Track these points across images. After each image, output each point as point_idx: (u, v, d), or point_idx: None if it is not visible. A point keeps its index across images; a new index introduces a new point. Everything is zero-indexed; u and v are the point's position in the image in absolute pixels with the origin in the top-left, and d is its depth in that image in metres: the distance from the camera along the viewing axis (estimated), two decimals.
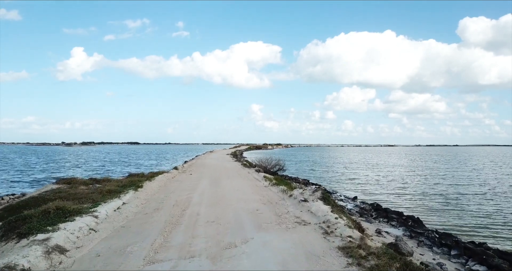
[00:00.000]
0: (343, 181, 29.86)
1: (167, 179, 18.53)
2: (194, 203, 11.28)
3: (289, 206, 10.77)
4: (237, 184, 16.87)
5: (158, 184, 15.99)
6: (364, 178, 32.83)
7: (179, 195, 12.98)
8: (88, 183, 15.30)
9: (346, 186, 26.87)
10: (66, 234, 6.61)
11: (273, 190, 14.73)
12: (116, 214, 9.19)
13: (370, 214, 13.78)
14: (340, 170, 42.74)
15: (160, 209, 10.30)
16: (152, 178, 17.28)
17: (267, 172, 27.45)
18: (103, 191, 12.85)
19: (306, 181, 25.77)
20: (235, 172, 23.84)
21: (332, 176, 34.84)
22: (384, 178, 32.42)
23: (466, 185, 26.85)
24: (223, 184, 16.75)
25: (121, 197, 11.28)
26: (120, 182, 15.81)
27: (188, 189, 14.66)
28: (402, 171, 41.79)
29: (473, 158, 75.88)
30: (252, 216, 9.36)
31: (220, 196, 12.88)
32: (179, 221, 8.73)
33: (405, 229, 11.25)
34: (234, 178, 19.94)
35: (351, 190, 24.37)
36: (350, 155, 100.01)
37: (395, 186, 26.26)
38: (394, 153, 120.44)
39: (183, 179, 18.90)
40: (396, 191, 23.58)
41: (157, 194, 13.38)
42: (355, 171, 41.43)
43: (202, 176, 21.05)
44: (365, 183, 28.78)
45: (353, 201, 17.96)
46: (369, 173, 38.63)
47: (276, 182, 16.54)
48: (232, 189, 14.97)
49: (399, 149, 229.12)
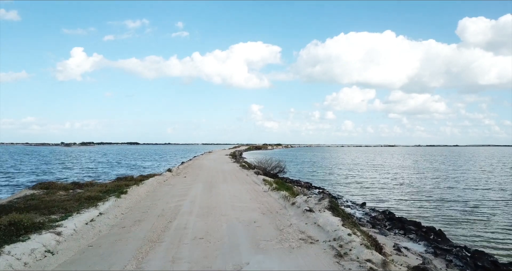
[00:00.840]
0: (348, 184, 28.13)
1: (158, 182, 17.13)
2: (183, 213, 9.87)
3: (292, 217, 9.36)
4: (234, 188, 15.47)
5: (147, 188, 14.58)
6: (371, 181, 31.04)
7: (167, 202, 11.58)
8: (68, 188, 13.90)
9: (351, 190, 25.21)
10: (9, 260, 5.20)
11: (273, 196, 13.32)
12: (87, 229, 7.77)
13: (383, 224, 12.32)
14: (343, 171, 41.00)
15: (142, 221, 8.89)
16: (141, 182, 15.88)
17: (267, 174, 26.05)
18: (81, 197, 11.46)
19: (309, 184, 24.31)
20: (233, 175, 22.44)
21: (336, 178, 33.16)
22: (392, 181, 30.65)
23: (485, 190, 24.91)
24: (219, 188, 15.35)
25: (99, 205, 9.87)
26: (104, 187, 14.40)
27: (179, 195, 13.26)
28: (409, 173, 39.96)
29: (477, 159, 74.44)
30: (249, 230, 7.96)
31: (213, 203, 11.48)
32: (161, 238, 7.32)
33: (426, 244, 9.81)
34: (231, 181, 18.54)
35: (357, 194, 22.79)
36: (351, 155, 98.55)
37: (406, 191, 24.53)
38: (396, 153, 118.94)
39: (176, 183, 17.49)
40: (407, 196, 21.89)
41: (143, 201, 11.96)
42: (360, 173, 39.66)
43: (197, 179, 19.64)
44: (372, 186, 27.02)
45: (362, 207, 16.48)
46: (375, 175, 36.90)
47: (277, 186, 15.14)
48: (228, 194, 13.56)
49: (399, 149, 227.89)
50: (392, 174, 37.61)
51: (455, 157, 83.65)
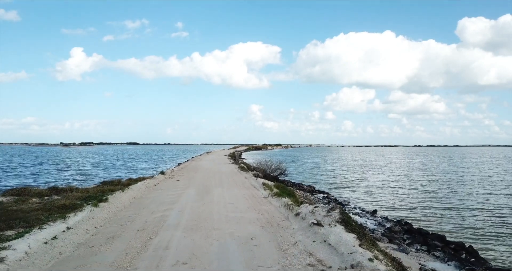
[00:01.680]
0: (354, 188, 26.26)
1: (147, 187, 15.69)
2: (168, 226, 8.44)
3: (297, 232, 7.92)
4: (230, 194, 14.03)
5: (133, 194, 13.14)
6: (378, 184, 29.14)
7: (152, 212, 10.14)
8: (44, 194, 12.45)
9: (359, 194, 23.44)
10: None
11: (274, 203, 11.89)
12: (45, 250, 6.33)
13: (401, 237, 10.82)
14: (348, 174, 39.19)
15: (116, 238, 7.45)
16: (127, 187, 14.45)
17: (266, 176, 24.61)
18: (53, 206, 10.03)
19: (312, 188, 22.80)
20: (230, 177, 21.00)
21: (341, 181, 31.28)
22: (403, 185, 28.68)
23: (509, 195, 22.42)
24: (213, 194, 13.92)
25: (70, 217, 8.42)
26: (85, 193, 12.97)
27: (168, 202, 11.82)
28: (418, 175, 38.08)
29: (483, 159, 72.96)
30: (245, 251, 6.53)
31: (205, 213, 10.04)
32: (134, 262, 5.89)
33: (458, 265, 8.34)
34: (228, 185, 17.10)
35: (366, 200, 21.00)
36: (353, 156, 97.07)
37: (419, 196, 22.60)
38: (398, 154, 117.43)
39: (167, 187, 16.05)
40: (423, 203, 19.92)
41: (124, 210, 10.52)
42: (366, 175, 37.75)
43: (191, 182, 18.20)
44: (381, 191, 25.10)
45: (373, 216, 14.93)
46: (382, 177, 35.02)
47: (278, 192, 13.70)
48: (223, 201, 12.13)
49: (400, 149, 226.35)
50: (401, 176, 35.83)
51: (459, 158, 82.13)
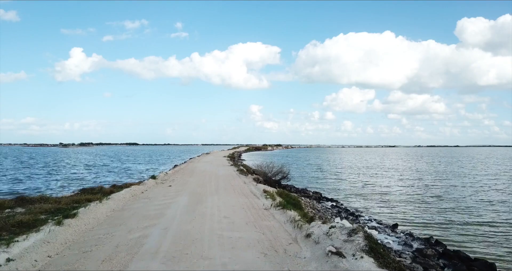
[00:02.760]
0: (365, 195, 23.58)
1: (133, 195, 13.87)
2: (144, 254, 6.62)
3: (310, 264, 6.10)
4: (227, 203, 12.23)
5: (112, 206, 11.31)
6: (391, 190, 26.33)
7: (130, 231, 8.33)
8: (6, 206, 10.66)
9: (371, 203, 20.75)
10: None
11: (278, 216, 10.09)
12: None
13: (437, 264, 8.82)
14: (354, 177, 36.51)
15: None
16: (108, 196, 12.64)
17: (268, 181, 22.85)
18: (7, 224, 8.25)
19: (318, 194, 20.85)
20: (228, 182, 19.20)
21: (349, 186, 28.59)
22: (418, 190, 25.74)
23: None
24: (207, 204, 12.12)
25: (18, 242, 6.62)
26: (56, 204, 11.20)
27: (152, 216, 10.01)
28: (432, 178, 34.68)
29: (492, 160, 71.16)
30: None
31: (195, 232, 8.24)
32: None
33: None
34: (225, 192, 15.31)
35: (381, 210, 18.38)
36: (355, 156, 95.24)
37: (442, 206, 19.42)
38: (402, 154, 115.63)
39: (155, 195, 14.24)
40: (448, 215, 16.95)
41: (95, 228, 8.68)
42: (374, 179, 34.96)
43: (184, 189, 16.41)
44: (396, 198, 22.11)
45: (393, 231, 12.85)
46: (393, 182, 31.95)
47: (282, 202, 11.91)
48: (217, 214, 10.34)
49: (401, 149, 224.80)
50: (414, 181, 32.69)
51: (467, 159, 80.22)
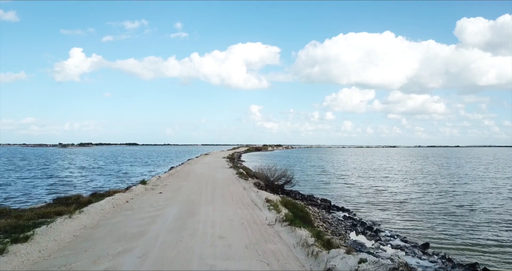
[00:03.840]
0: (380, 204, 20.78)
1: (114, 206, 12.05)
2: None
3: None
4: (224, 217, 10.43)
5: (85, 221, 9.48)
6: (408, 197, 23.25)
7: (95, 260, 6.50)
8: None
9: (389, 213, 17.98)
10: None
11: (284, 236, 8.28)
12: None
13: None
14: (363, 181, 33.40)
15: None
16: (84, 207, 10.83)
17: (269, 186, 21.06)
18: None
19: (327, 202, 18.75)
20: (226, 188, 17.40)
21: (359, 192, 25.74)
22: (441, 198, 22.52)
23: None
24: (200, 217, 10.32)
25: None
26: (18, 218, 9.40)
27: (130, 236, 8.19)
28: (452, 183, 31.09)
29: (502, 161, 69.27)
30: None
31: (179, 262, 6.44)
32: None
33: None
34: (222, 201, 13.50)
35: (403, 224, 15.79)
36: (358, 157, 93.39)
37: (478, 220, 16.43)
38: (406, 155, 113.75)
39: (141, 205, 12.42)
40: (492, 233, 14.15)
41: (52, 256, 6.83)
42: (386, 183, 31.73)
43: (175, 196, 14.60)
44: (417, 209, 19.13)
45: (424, 252, 10.76)
46: (408, 187, 28.66)
47: (288, 216, 10.11)
48: (211, 232, 8.54)
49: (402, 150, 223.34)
50: (431, 186, 29.24)
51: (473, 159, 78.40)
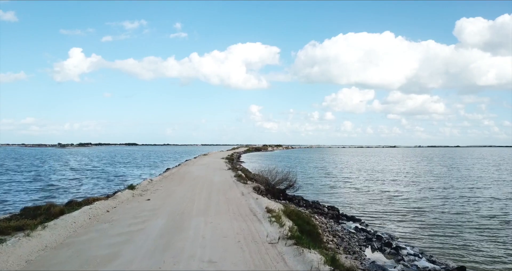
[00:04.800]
0: (395, 212, 18.45)
1: (91, 217, 10.50)
2: None
3: None
4: (217, 232, 8.89)
5: (48, 238, 7.93)
6: (428, 205, 20.68)
7: None
8: None
9: (407, 224, 15.81)
10: None
11: (290, 261, 6.77)
12: None
13: None
14: (371, 185, 30.59)
15: None
16: (56, 218, 9.30)
17: (270, 190, 19.51)
18: None
19: (335, 211, 16.63)
20: (222, 194, 15.86)
21: (369, 199, 23.22)
22: (468, 206, 20.10)
23: None
24: (189, 234, 8.79)
25: None
26: None
27: (97, 261, 6.66)
28: (473, 188, 27.93)
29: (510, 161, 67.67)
30: None
31: None
32: None
33: None
34: (217, 210, 11.96)
35: (430, 241, 13.24)
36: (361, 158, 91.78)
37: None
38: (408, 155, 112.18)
39: (122, 216, 10.86)
40: None
41: None
42: (397, 187, 28.83)
43: (164, 204, 13.06)
44: (441, 219, 16.67)
45: None
46: (423, 192, 25.83)
47: (293, 230, 8.57)
48: (199, 255, 7.02)
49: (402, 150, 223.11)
50: (449, 191, 26.43)
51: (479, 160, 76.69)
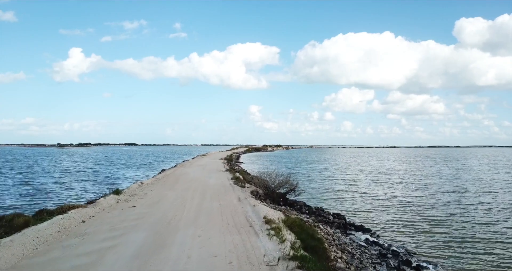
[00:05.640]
0: (409, 221, 16.54)
1: (61, 229, 9.13)
2: None
3: None
4: (205, 250, 7.54)
5: None
6: (445, 212, 18.67)
7: None
8: None
9: (426, 237, 13.86)
10: None
11: None
12: None
13: None
14: (378, 188, 28.65)
15: None
16: (15, 232, 7.95)
17: (270, 195, 18.17)
18: None
19: (341, 219, 14.91)
20: (217, 200, 14.50)
21: (377, 204, 21.24)
22: (491, 216, 18.01)
23: None
24: (171, 253, 7.45)
25: None
26: None
27: None
28: (485, 191, 26.56)
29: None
30: None
31: None
32: None
33: None
34: (208, 219, 10.61)
35: (456, 259, 11.54)
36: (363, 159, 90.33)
37: None
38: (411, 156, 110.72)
39: (99, 228, 9.50)
40: None
41: None
42: (407, 191, 27.02)
43: (150, 213, 11.70)
44: (468, 231, 14.83)
45: None
46: (437, 197, 23.65)
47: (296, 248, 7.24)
48: None
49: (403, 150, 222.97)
50: (467, 196, 24.39)
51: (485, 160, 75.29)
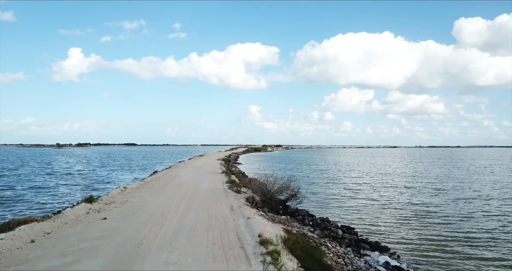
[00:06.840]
0: (437, 237, 14.30)
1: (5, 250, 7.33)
2: None
3: None
4: None
5: None
6: (476, 224, 16.57)
7: None
8: None
9: (457, 261, 11.68)
10: None
11: None
12: None
13: None
14: (390, 195, 26.06)
15: None
16: None
17: (268, 202, 16.35)
18: None
19: (353, 235, 12.61)
20: (205, 210, 12.70)
21: (391, 215, 18.73)
22: None
23: None
24: None
25: None
26: None
27: None
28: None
29: None
30: None
31: None
32: None
33: None
34: (190, 238, 8.82)
35: None
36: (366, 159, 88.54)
37: None
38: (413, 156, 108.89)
39: (43, 254, 7.69)
40: None
41: None
42: (422, 198, 24.43)
43: (121, 228, 9.90)
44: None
45: None
46: (458, 205, 21.65)
47: None
48: None
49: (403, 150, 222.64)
50: (498, 204, 22.11)
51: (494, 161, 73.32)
